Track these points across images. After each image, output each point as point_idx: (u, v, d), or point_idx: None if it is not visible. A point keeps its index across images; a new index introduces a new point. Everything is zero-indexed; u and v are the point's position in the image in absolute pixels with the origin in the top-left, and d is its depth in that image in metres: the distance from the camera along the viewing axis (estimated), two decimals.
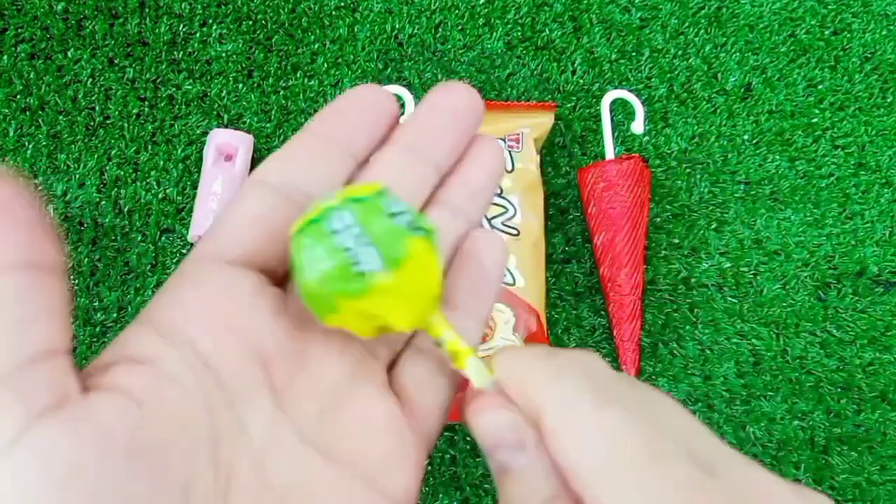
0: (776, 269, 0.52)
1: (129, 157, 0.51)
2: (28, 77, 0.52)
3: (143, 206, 0.50)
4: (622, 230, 0.49)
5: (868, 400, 0.50)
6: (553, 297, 0.50)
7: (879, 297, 0.52)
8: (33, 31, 0.53)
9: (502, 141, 0.49)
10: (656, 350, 0.50)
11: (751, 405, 0.49)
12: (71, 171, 0.51)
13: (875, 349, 0.50)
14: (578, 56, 0.55)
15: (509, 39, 0.55)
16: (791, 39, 0.56)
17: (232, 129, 0.50)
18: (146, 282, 0.49)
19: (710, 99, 0.55)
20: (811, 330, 0.51)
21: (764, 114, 0.55)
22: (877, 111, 0.55)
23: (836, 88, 0.55)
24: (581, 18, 0.56)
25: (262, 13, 0.54)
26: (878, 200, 0.53)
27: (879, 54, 0.56)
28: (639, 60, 0.55)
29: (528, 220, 0.48)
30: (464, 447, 0.47)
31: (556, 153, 0.53)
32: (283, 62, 0.53)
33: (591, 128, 0.54)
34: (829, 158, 0.54)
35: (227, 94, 0.52)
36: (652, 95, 0.54)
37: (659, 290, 0.51)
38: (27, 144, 0.51)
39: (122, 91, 0.52)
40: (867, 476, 0.48)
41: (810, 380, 0.50)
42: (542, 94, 0.54)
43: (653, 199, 0.52)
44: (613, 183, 0.49)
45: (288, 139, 0.55)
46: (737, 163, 0.54)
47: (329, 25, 0.54)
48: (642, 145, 0.54)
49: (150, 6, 0.54)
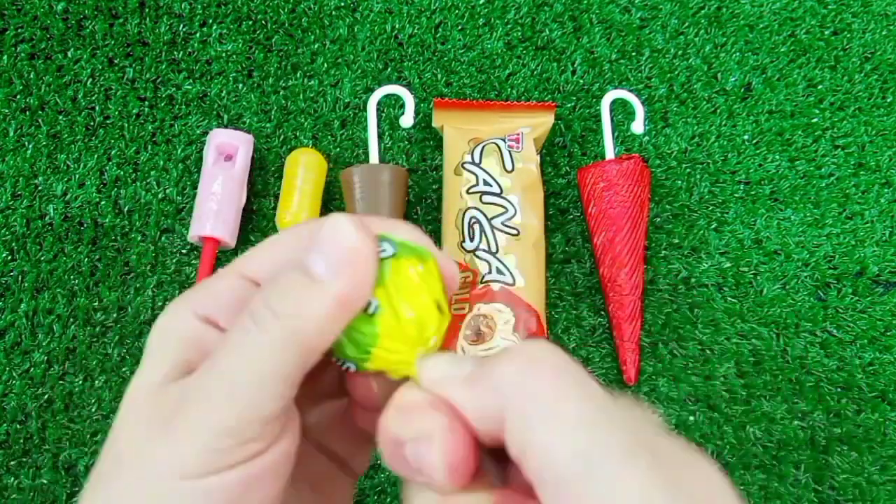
0: (776, 269, 0.52)
1: (129, 157, 0.51)
2: (28, 77, 0.52)
3: (143, 206, 0.50)
4: (622, 230, 0.49)
5: (868, 400, 0.50)
6: (553, 297, 0.50)
7: (879, 297, 0.52)
8: (33, 31, 0.53)
9: (502, 141, 0.49)
10: (656, 350, 0.50)
11: (751, 405, 0.49)
12: (71, 171, 0.51)
13: (875, 349, 0.50)
14: (578, 56, 0.55)
15: (509, 39, 0.55)
16: (791, 39, 0.56)
17: (232, 129, 0.50)
18: (146, 282, 0.49)
19: (710, 99, 0.55)
20: (811, 330, 0.51)
21: (764, 114, 0.55)
22: (877, 111, 0.55)
23: (836, 88, 0.55)
24: (581, 18, 0.56)
25: (262, 13, 0.54)
26: (878, 200, 0.53)
27: (879, 54, 0.56)
28: (639, 60, 0.55)
29: (528, 220, 0.48)
30: None
31: (556, 153, 0.53)
32: (283, 62, 0.53)
33: (591, 128, 0.54)
34: (829, 158, 0.54)
35: (227, 94, 0.52)
36: (652, 95, 0.54)
37: (659, 290, 0.51)
38: (27, 144, 0.51)
39: (122, 91, 0.52)
40: (867, 476, 0.48)
41: (810, 380, 0.50)
42: (542, 94, 0.54)
43: (653, 199, 0.52)
44: (613, 183, 0.49)
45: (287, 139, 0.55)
46: (737, 163, 0.54)
47: (329, 25, 0.54)
48: (642, 145, 0.54)
49: (150, 6, 0.54)
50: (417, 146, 0.53)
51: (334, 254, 0.20)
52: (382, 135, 0.52)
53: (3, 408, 0.47)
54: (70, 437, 0.46)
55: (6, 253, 0.49)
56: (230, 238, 0.48)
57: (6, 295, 0.48)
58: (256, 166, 0.51)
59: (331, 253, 0.20)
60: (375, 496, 0.46)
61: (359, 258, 0.21)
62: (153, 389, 0.21)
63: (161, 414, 0.20)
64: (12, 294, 0.48)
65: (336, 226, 0.21)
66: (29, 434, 0.46)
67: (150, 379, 0.21)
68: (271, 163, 0.52)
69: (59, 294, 0.48)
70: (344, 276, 0.20)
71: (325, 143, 0.52)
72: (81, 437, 0.46)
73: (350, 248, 0.21)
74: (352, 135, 0.52)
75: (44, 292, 0.49)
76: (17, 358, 0.47)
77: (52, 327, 0.48)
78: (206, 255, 0.48)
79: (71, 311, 0.48)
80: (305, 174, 0.48)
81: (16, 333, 0.48)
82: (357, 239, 0.21)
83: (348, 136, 0.52)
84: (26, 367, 0.47)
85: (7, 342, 0.48)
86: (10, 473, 0.46)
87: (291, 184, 0.48)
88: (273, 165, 0.51)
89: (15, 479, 0.46)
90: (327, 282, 0.20)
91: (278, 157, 0.51)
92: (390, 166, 0.49)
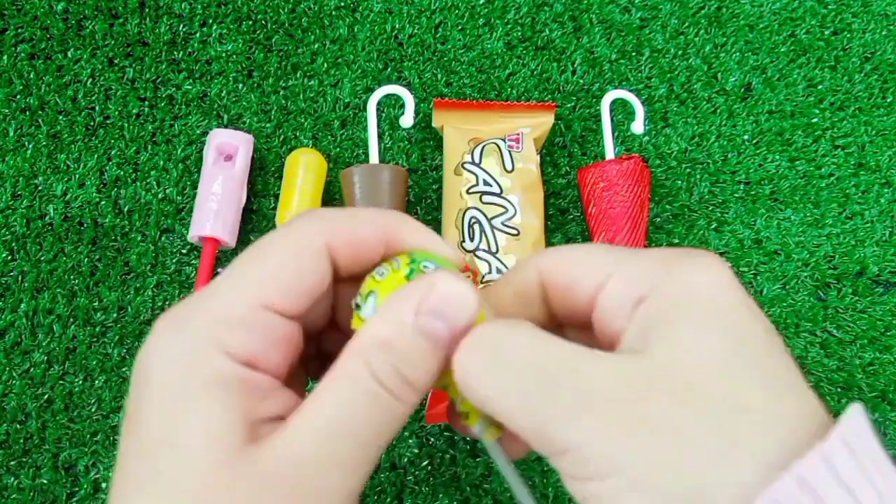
0: (776, 269, 0.52)
1: (129, 157, 0.51)
2: (28, 77, 0.52)
3: (143, 206, 0.50)
4: (622, 230, 0.49)
5: (868, 400, 0.50)
6: None
7: (879, 297, 0.52)
8: (33, 31, 0.53)
9: (502, 141, 0.50)
10: None
11: None
12: (71, 171, 0.51)
13: (875, 349, 0.50)
14: (578, 56, 0.55)
15: (509, 39, 0.55)
16: (791, 39, 0.56)
17: (232, 129, 0.50)
18: (146, 282, 0.49)
19: (710, 99, 0.55)
20: (811, 330, 0.51)
21: (764, 114, 0.55)
22: (877, 111, 0.55)
23: (836, 88, 0.55)
24: (581, 18, 0.56)
25: (262, 13, 0.54)
26: (878, 200, 0.53)
27: (879, 54, 0.56)
28: (639, 60, 0.55)
29: (528, 220, 0.48)
30: (464, 447, 0.47)
31: (556, 153, 0.53)
32: (283, 62, 0.53)
33: (591, 128, 0.54)
34: (829, 158, 0.54)
35: (227, 94, 0.52)
36: (652, 95, 0.54)
37: None
38: (27, 144, 0.51)
39: (122, 91, 0.52)
40: None
41: (810, 380, 0.50)
42: (542, 94, 0.54)
43: (653, 199, 0.52)
44: (613, 183, 0.49)
45: (287, 139, 0.55)
46: (737, 163, 0.54)
47: (329, 25, 0.54)
48: (642, 145, 0.54)
49: (150, 6, 0.54)
50: (417, 146, 0.53)
51: (458, 321, 0.22)
52: (382, 135, 0.52)
53: (3, 408, 0.47)
54: (70, 437, 0.46)
55: (6, 253, 0.49)
56: (230, 238, 0.48)
57: (6, 295, 0.48)
58: (256, 166, 0.51)
59: (455, 320, 0.21)
60: (375, 496, 0.46)
61: (474, 320, 0.22)
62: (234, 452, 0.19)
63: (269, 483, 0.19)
64: (12, 294, 0.48)
65: (459, 294, 0.22)
66: (29, 434, 0.46)
67: (222, 439, 0.19)
68: (271, 163, 0.52)
69: (59, 294, 0.48)
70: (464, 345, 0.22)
71: (325, 143, 0.52)
72: (81, 437, 0.46)
73: (471, 316, 0.22)
74: (352, 135, 0.52)
75: (44, 292, 0.49)
76: (17, 358, 0.47)
77: (52, 327, 0.48)
78: (206, 255, 0.48)
79: (71, 311, 0.48)
80: (305, 174, 0.48)
81: (16, 333, 0.48)
82: (477, 306, 0.22)
83: (348, 136, 0.52)
84: (26, 367, 0.47)
85: (7, 342, 0.48)
86: (10, 473, 0.46)
87: (291, 184, 0.48)
88: (273, 165, 0.51)
89: (15, 479, 0.46)
90: (448, 347, 0.22)
91: (278, 157, 0.52)
92: (390, 166, 0.49)
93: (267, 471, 0.19)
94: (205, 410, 0.20)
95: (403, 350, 0.21)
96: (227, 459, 0.19)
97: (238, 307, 0.21)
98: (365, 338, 0.21)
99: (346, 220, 0.23)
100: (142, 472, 0.20)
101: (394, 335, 0.21)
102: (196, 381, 0.20)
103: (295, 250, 0.22)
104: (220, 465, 0.19)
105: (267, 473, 0.19)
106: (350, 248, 0.23)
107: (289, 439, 0.20)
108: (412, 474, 0.47)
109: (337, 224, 0.23)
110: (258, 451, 0.19)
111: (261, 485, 0.19)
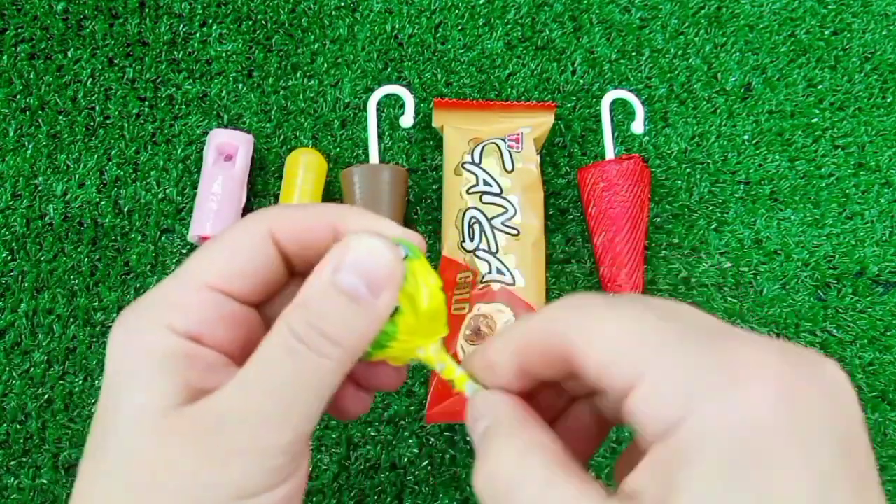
0: (776, 269, 0.52)
1: (129, 157, 0.51)
2: (28, 77, 0.52)
3: (143, 206, 0.50)
4: (622, 230, 0.49)
5: (868, 400, 0.50)
6: (553, 297, 0.50)
7: (879, 297, 0.52)
8: (33, 31, 0.53)
9: (502, 141, 0.50)
10: None
11: None
12: (71, 171, 0.51)
13: (875, 349, 0.50)
14: (578, 56, 0.55)
15: (509, 39, 0.55)
16: (791, 39, 0.56)
17: (232, 129, 0.50)
18: (146, 282, 0.49)
19: (710, 99, 0.55)
20: (811, 330, 0.51)
21: (764, 114, 0.55)
22: (877, 111, 0.55)
23: (836, 88, 0.55)
24: (581, 18, 0.56)
25: (262, 13, 0.54)
26: (878, 200, 0.53)
27: (879, 54, 0.56)
28: (639, 60, 0.55)
29: (528, 219, 0.48)
30: (464, 447, 0.47)
31: (556, 153, 0.53)
32: (283, 62, 0.53)
33: (591, 128, 0.54)
34: (829, 158, 0.54)
35: (227, 94, 0.52)
36: (652, 95, 0.54)
37: (659, 290, 0.51)
38: (27, 144, 0.51)
39: (122, 91, 0.52)
40: None
41: None
42: (542, 94, 0.54)
43: (653, 199, 0.52)
44: (613, 183, 0.49)
45: (287, 139, 0.55)
46: (737, 163, 0.54)
47: (329, 25, 0.54)
48: (642, 145, 0.54)
49: (150, 6, 0.54)
50: (417, 146, 0.53)
51: (373, 274, 0.22)
52: (382, 135, 0.52)
53: (3, 408, 0.47)
54: (70, 437, 0.46)
55: (6, 253, 0.49)
56: None
57: (6, 295, 0.48)
58: (256, 166, 0.51)
59: (369, 274, 0.22)
60: (375, 496, 0.46)
61: (394, 275, 0.22)
62: (166, 413, 0.21)
63: (195, 438, 0.21)
64: (12, 294, 0.48)
65: (371, 247, 0.22)
66: (29, 434, 0.46)
67: (155, 403, 0.21)
68: (271, 163, 0.52)
69: (59, 294, 0.48)
70: (386, 297, 0.22)
71: (325, 143, 0.52)
72: (81, 438, 0.46)
73: (388, 270, 0.22)
74: (352, 135, 0.52)
75: (44, 292, 0.49)
76: (17, 358, 0.47)
77: (52, 327, 0.48)
78: None
79: (71, 311, 0.48)
80: (305, 174, 0.49)
81: (16, 333, 0.48)
82: (392, 258, 0.22)
83: (348, 136, 0.52)
84: (26, 367, 0.47)
85: (7, 342, 0.48)
86: (10, 473, 0.46)
87: (291, 184, 0.48)
88: (273, 165, 0.51)
89: (15, 479, 0.46)
90: (370, 302, 0.22)
91: (278, 157, 0.52)
92: (390, 166, 0.49)
93: (194, 425, 0.21)
94: (145, 378, 0.21)
95: (319, 306, 0.22)
96: (161, 419, 0.21)
97: (182, 288, 0.23)
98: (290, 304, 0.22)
99: (290, 209, 0.24)
100: (94, 441, 0.22)
101: (310, 294, 0.22)
102: (139, 354, 0.22)
103: (236, 235, 0.24)
104: (154, 424, 0.21)
105: (194, 428, 0.21)
106: (295, 234, 0.24)
107: (216, 397, 0.21)
108: (412, 474, 0.47)
109: (280, 212, 0.24)
110: (189, 409, 0.21)
111: (190, 438, 0.20)
